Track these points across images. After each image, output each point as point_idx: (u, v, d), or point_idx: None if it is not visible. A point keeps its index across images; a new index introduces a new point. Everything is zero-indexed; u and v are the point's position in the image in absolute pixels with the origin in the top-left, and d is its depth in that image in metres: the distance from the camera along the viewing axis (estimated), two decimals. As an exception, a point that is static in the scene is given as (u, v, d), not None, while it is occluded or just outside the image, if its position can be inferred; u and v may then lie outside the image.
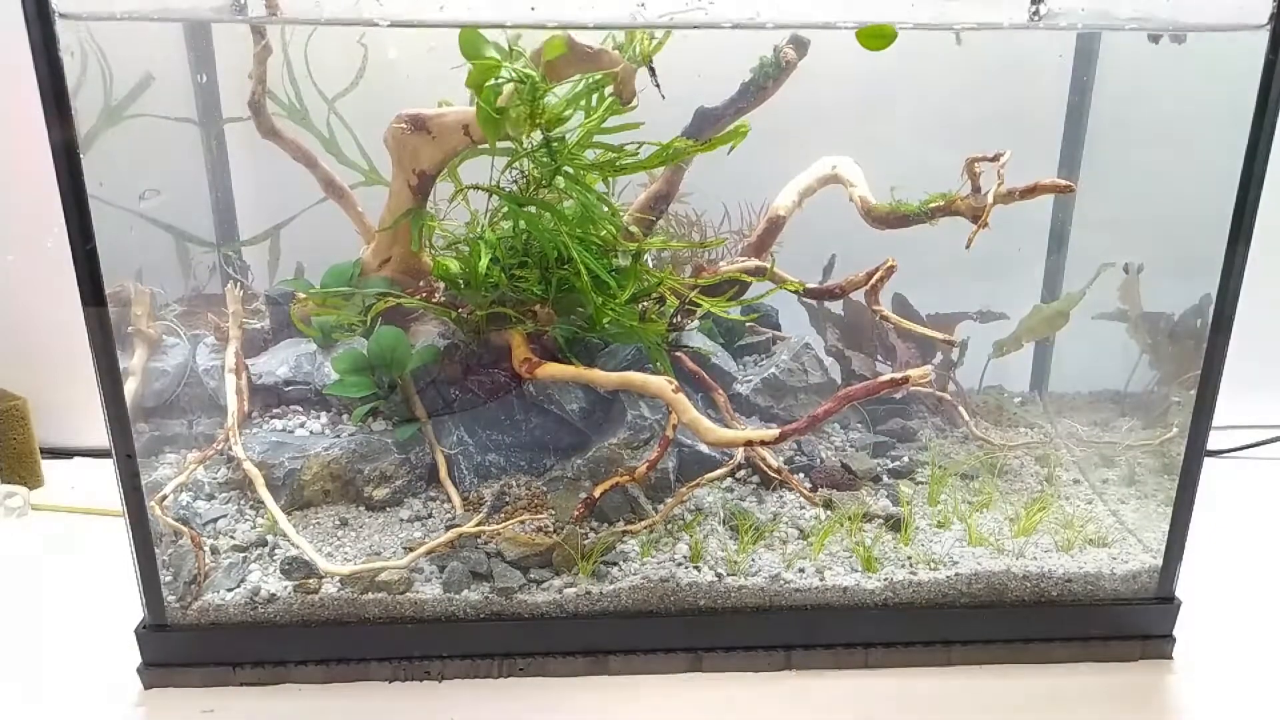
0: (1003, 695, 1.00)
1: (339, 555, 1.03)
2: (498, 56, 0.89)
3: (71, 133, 0.81)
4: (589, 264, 1.02)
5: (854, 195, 1.22)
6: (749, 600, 1.03)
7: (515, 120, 0.92)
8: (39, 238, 1.37)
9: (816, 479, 1.19)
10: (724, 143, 1.03)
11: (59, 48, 0.79)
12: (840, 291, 1.26)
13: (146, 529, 0.96)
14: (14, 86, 0.97)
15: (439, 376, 1.14)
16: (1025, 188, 1.12)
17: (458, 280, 1.08)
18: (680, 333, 1.22)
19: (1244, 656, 1.06)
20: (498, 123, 0.92)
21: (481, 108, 0.91)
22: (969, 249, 1.11)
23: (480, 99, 0.91)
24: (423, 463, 1.12)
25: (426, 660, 1.01)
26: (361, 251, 1.17)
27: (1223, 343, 0.96)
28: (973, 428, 1.29)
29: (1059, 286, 1.39)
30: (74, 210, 0.83)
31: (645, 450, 1.12)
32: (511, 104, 0.92)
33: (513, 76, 0.90)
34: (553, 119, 0.95)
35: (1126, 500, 1.20)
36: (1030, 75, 1.30)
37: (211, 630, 1.00)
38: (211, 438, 1.13)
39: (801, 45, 1.11)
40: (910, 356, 1.34)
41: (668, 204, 1.22)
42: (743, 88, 1.12)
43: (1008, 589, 1.04)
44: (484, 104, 0.91)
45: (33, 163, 0.94)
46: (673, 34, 0.97)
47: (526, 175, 1.03)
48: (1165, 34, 0.99)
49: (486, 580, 1.02)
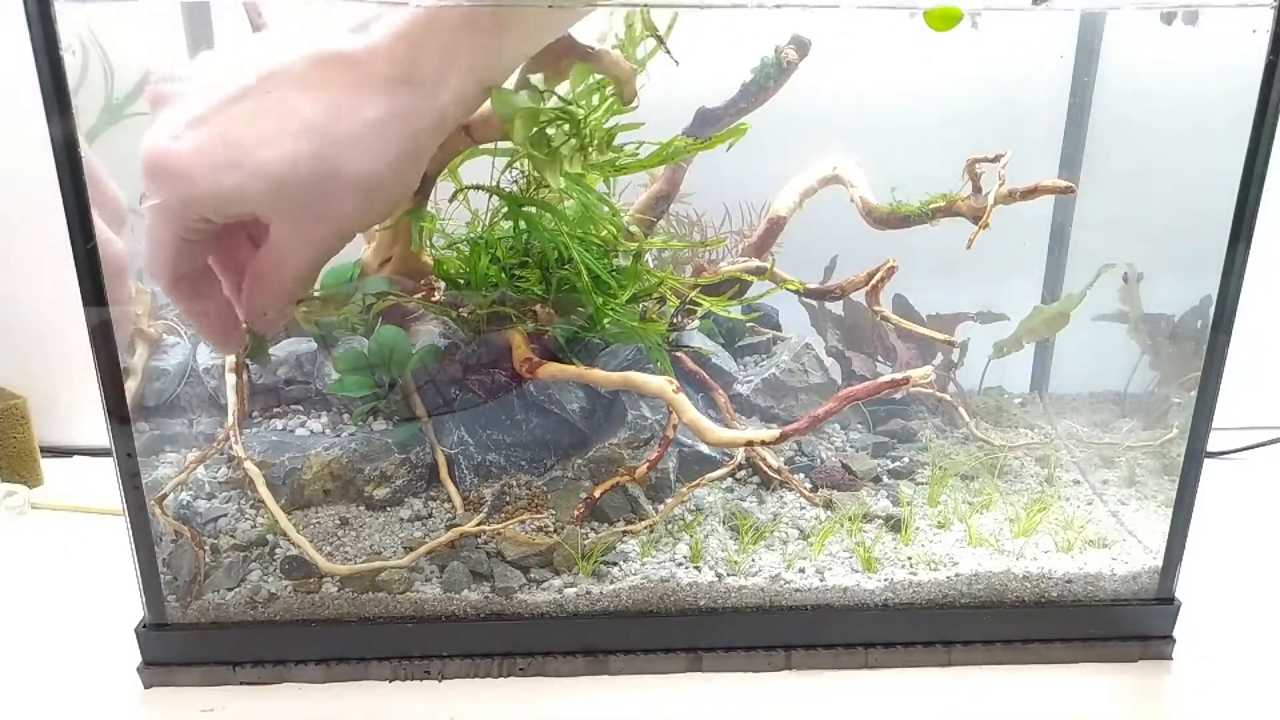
0: (1003, 695, 1.00)
1: (339, 555, 1.03)
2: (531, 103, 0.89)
3: (72, 130, 0.81)
4: (589, 264, 1.02)
5: (854, 196, 1.22)
6: (749, 600, 1.03)
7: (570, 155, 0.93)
8: (39, 237, 1.37)
9: (817, 479, 1.19)
10: (724, 140, 1.03)
11: (60, 46, 0.79)
12: (841, 292, 1.26)
13: (146, 528, 0.96)
14: (14, 86, 0.97)
15: (439, 376, 1.14)
16: (1026, 188, 1.12)
17: (458, 280, 1.08)
18: (680, 333, 1.22)
19: (1244, 657, 1.06)
20: (554, 163, 0.92)
21: (536, 158, 0.91)
22: (970, 250, 1.11)
23: (532, 150, 0.91)
24: (423, 462, 1.12)
25: (427, 660, 1.01)
26: (362, 251, 1.17)
27: (1223, 343, 0.96)
28: (973, 428, 1.29)
29: (1059, 287, 1.39)
30: (74, 210, 0.83)
31: (645, 450, 1.12)
32: (558, 138, 0.92)
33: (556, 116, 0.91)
34: (603, 140, 0.96)
35: (1127, 501, 1.21)
36: (1031, 75, 1.30)
37: (212, 629, 1.00)
38: (211, 437, 1.13)
39: (802, 46, 1.11)
40: (911, 357, 1.34)
41: (669, 204, 1.22)
42: (743, 88, 1.12)
43: (1008, 589, 1.05)
44: (536, 153, 0.91)
45: (32, 162, 0.93)
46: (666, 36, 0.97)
47: (527, 175, 1.03)
48: (1179, 14, 0.98)
49: (486, 580, 1.02)
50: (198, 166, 0.77)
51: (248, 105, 0.78)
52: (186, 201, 0.79)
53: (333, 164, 0.79)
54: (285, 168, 0.78)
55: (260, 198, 0.79)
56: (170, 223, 0.81)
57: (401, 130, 0.80)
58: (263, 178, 0.78)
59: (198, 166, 0.77)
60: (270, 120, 0.78)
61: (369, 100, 0.78)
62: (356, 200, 0.82)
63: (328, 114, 0.78)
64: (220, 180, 0.78)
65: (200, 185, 0.78)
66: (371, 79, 0.78)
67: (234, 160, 0.77)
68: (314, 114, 0.78)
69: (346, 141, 0.78)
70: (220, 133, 0.78)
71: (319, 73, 0.78)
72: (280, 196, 0.79)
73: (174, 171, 0.78)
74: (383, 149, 0.80)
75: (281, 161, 0.78)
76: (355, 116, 0.78)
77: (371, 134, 0.79)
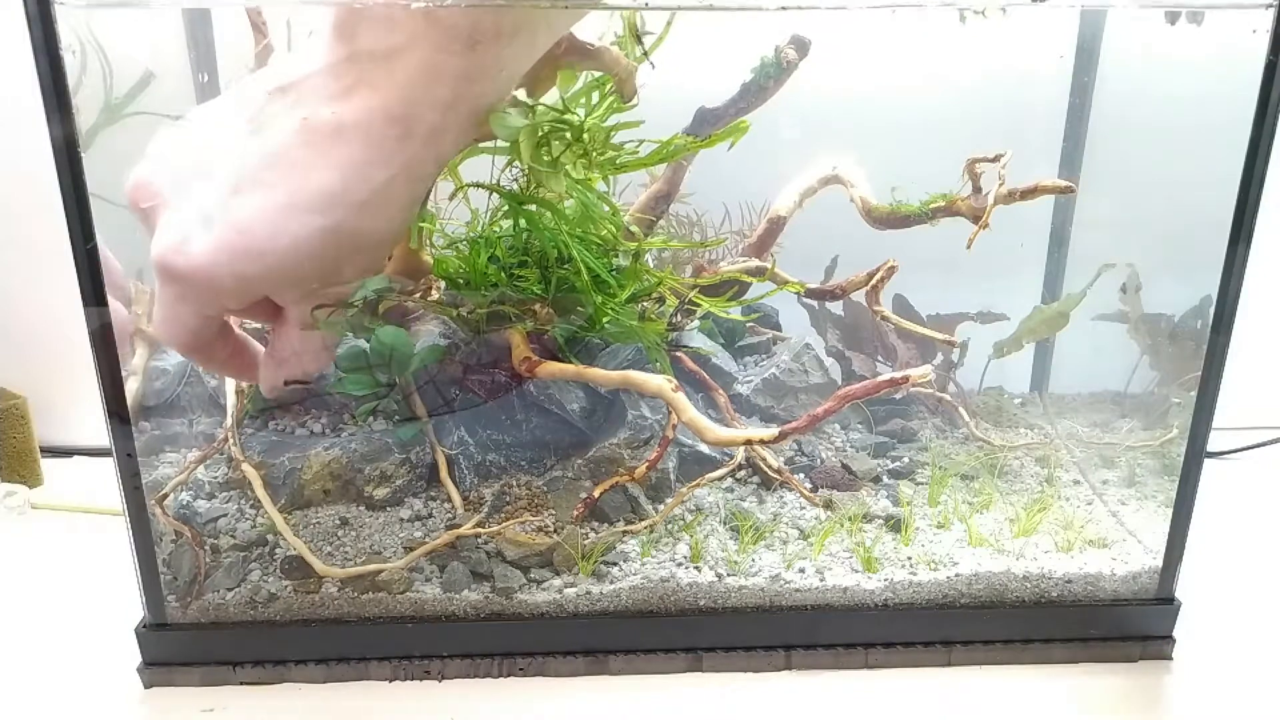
0: (1003, 695, 1.00)
1: (339, 555, 1.03)
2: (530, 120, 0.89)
3: (72, 130, 0.81)
4: (589, 263, 1.02)
5: (854, 196, 1.22)
6: (749, 600, 1.03)
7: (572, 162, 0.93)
8: (39, 237, 1.37)
9: (817, 479, 1.19)
10: (724, 139, 1.03)
11: (60, 45, 0.79)
12: (841, 292, 1.26)
13: (147, 528, 0.96)
14: (14, 86, 0.98)
15: (438, 375, 1.14)
16: (1026, 188, 1.12)
17: (458, 279, 1.08)
18: (680, 332, 1.22)
19: (1244, 657, 1.06)
20: (558, 173, 0.92)
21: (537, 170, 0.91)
22: (970, 250, 1.11)
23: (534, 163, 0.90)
24: (423, 462, 1.12)
25: (427, 660, 1.01)
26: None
27: (1223, 343, 0.96)
28: (973, 428, 1.29)
29: (1059, 287, 1.39)
30: (74, 209, 0.83)
31: (645, 450, 1.12)
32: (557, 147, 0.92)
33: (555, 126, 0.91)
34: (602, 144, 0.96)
35: (1126, 501, 1.20)
36: (1031, 75, 1.30)
37: (212, 629, 1.00)
38: (212, 437, 1.13)
39: (802, 46, 1.11)
40: (910, 357, 1.34)
41: (669, 204, 1.22)
42: (743, 88, 1.12)
43: (1008, 589, 1.04)
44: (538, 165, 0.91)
45: (33, 162, 0.94)
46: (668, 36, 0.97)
47: (527, 174, 1.03)
48: (1183, 14, 0.97)
49: (486, 580, 1.02)
50: (218, 265, 0.77)
51: (254, 191, 0.77)
52: (209, 299, 0.79)
53: (350, 232, 0.78)
54: (306, 245, 0.78)
55: (283, 280, 0.79)
56: (191, 316, 0.81)
57: (408, 183, 0.80)
58: (286, 262, 0.78)
59: (218, 265, 0.77)
60: (281, 203, 0.77)
61: (375, 164, 0.77)
62: (366, 259, 0.83)
63: (338, 184, 0.77)
64: (243, 272, 0.77)
65: (224, 283, 0.78)
66: (374, 142, 0.77)
67: (254, 249, 0.77)
68: (324, 186, 0.77)
69: (360, 207, 0.78)
70: (233, 225, 0.77)
71: (318, 146, 0.77)
72: (302, 274, 0.80)
73: (195, 275, 0.77)
74: (393, 206, 0.80)
75: (302, 241, 0.77)
76: (365, 182, 0.77)
77: (382, 195, 0.78)
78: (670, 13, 0.95)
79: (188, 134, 0.82)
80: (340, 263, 0.81)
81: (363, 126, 0.76)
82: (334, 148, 0.76)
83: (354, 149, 0.77)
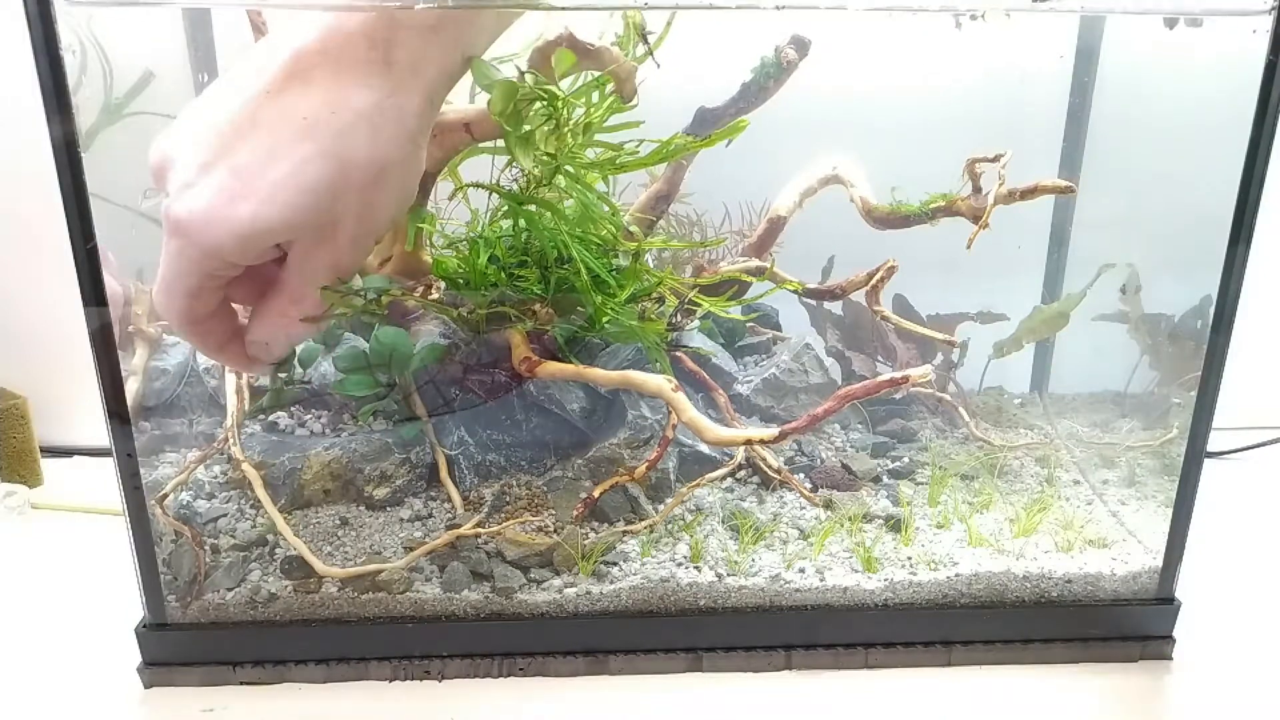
0: (1003, 695, 1.00)
1: (339, 555, 1.03)
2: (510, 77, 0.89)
3: (72, 130, 0.81)
4: (589, 263, 1.02)
5: (854, 196, 1.22)
6: (749, 600, 1.03)
7: (544, 137, 0.93)
8: (39, 237, 1.37)
9: (817, 479, 1.19)
10: (724, 138, 1.03)
11: (60, 45, 0.79)
12: (840, 292, 1.26)
13: (147, 528, 0.96)
14: (14, 85, 0.97)
15: (438, 375, 1.14)
16: (1026, 188, 1.12)
17: (457, 279, 1.08)
18: (680, 332, 1.22)
19: (1244, 657, 1.06)
20: (529, 143, 0.92)
21: (510, 134, 0.91)
22: (970, 249, 1.11)
23: (506, 124, 0.91)
24: (423, 462, 1.12)
25: (427, 660, 1.01)
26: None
27: (1223, 343, 0.96)
28: (973, 428, 1.29)
29: (1059, 287, 1.39)
30: (74, 209, 0.83)
31: (645, 450, 1.12)
32: (534, 121, 0.92)
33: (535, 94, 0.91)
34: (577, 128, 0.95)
35: (1126, 501, 1.20)
36: (1031, 76, 1.30)
37: (212, 629, 1.00)
38: (211, 437, 1.13)
39: (802, 46, 1.11)
40: (910, 357, 1.34)
41: (668, 204, 1.22)
42: (743, 88, 1.12)
43: (1008, 589, 1.04)
44: (511, 128, 0.91)
45: (32, 162, 0.94)
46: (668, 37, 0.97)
47: (526, 174, 1.03)
48: (1181, 18, 0.97)
49: (486, 580, 1.02)
50: (216, 208, 0.77)
51: (244, 132, 0.78)
52: (210, 249, 0.79)
53: (338, 157, 0.79)
54: (296, 177, 0.78)
55: (279, 217, 0.79)
56: (190, 272, 0.81)
57: (393, 112, 0.81)
58: (278, 195, 0.78)
59: (216, 208, 0.77)
60: (268, 135, 0.78)
61: (353, 90, 0.79)
62: (367, 195, 0.82)
63: (320, 109, 0.78)
64: (242, 214, 0.77)
65: (223, 227, 0.78)
66: (350, 66, 0.78)
67: (247, 186, 0.77)
68: (307, 112, 0.78)
69: (345, 131, 0.79)
70: (228, 167, 0.78)
71: (299, 74, 0.78)
72: (297, 209, 0.79)
73: (194, 220, 0.78)
74: (380, 133, 0.80)
75: (291, 171, 0.78)
76: (345, 106, 0.78)
77: (365, 121, 0.79)
78: (670, 12, 0.95)
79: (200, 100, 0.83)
80: (336, 198, 0.81)
81: (344, 49, 0.79)
82: (315, 72, 0.79)
83: (335, 73, 0.79)
